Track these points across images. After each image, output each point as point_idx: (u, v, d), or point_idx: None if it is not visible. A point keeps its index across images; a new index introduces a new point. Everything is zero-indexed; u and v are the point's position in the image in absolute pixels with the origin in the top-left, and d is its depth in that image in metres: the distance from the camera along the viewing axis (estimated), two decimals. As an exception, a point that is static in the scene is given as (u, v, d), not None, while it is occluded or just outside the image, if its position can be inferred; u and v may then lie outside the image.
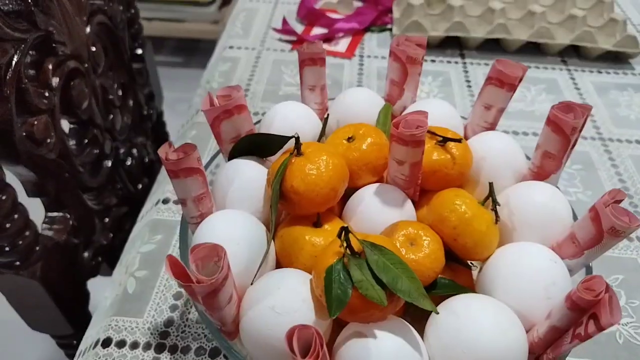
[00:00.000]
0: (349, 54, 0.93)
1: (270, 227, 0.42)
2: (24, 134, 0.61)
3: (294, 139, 0.43)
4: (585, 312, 0.33)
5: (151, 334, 0.53)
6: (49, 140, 0.66)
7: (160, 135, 1.16)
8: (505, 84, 0.49)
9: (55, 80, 0.69)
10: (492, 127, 0.53)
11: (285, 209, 0.44)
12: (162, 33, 2.14)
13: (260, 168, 0.46)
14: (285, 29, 0.97)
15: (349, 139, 0.48)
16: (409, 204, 0.45)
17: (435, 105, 0.54)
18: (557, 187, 0.47)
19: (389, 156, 0.44)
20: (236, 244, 0.39)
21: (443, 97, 0.84)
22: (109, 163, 0.87)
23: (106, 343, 0.52)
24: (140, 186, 1.02)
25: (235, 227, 0.40)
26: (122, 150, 0.95)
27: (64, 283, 0.73)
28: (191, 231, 0.44)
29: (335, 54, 0.93)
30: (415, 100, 0.57)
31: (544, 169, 0.47)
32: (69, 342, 0.81)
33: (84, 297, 0.81)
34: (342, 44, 0.95)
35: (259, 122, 0.54)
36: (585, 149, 0.76)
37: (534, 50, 0.94)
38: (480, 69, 0.91)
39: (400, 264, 0.35)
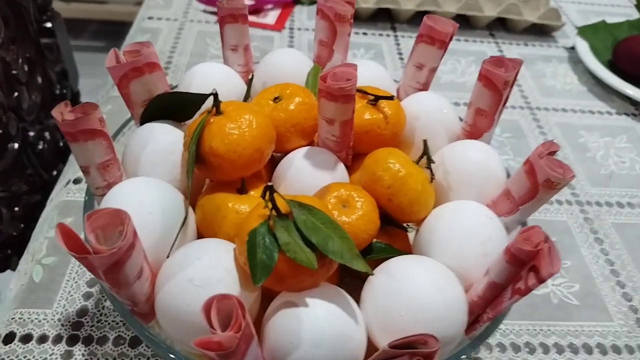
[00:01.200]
0: (278, 26, 0.89)
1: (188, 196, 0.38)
2: None
3: (212, 96, 0.39)
4: (525, 264, 0.32)
5: (62, 325, 0.47)
6: None
7: (77, 117, 1.06)
8: (437, 40, 0.47)
9: (-60, 49, 0.60)
10: (424, 87, 0.51)
11: (205, 175, 0.40)
12: (82, 15, 2.00)
13: (177, 132, 0.41)
14: (210, -1, 0.91)
15: (276, 99, 0.44)
16: (341, 167, 0.42)
17: (367, 67, 0.51)
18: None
19: (318, 116, 0.41)
20: (147, 213, 0.35)
21: (376, 69, 0.82)
22: (16, 146, 0.79)
23: (8, 339, 0.46)
24: (54, 173, 0.94)
25: (146, 193, 0.36)
26: (31, 133, 0.86)
27: (-36, 279, 0.65)
28: (97, 204, 0.39)
29: (264, 26, 0.88)
30: (346, 61, 0.54)
31: (477, 127, 0.45)
32: (-26, 346, 0.73)
33: (-10, 294, 0.72)
34: (271, 16, 0.91)
35: (176, 87, 0.49)
36: (515, 117, 0.77)
37: (463, 23, 0.94)
38: (411, 41, 0.89)
39: (331, 223, 0.32)
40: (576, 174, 0.67)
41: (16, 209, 0.79)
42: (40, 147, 0.89)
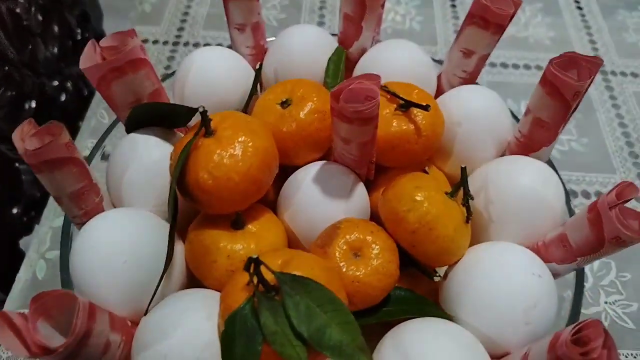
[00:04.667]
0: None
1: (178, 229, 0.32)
2: None
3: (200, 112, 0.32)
4: (575, 368, 0.25)
5: (63, 330, 0.45)
6: None
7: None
8: (492, 24, 0.37)
9: None
10: (471, 77, 0.41)
11: (195, 208, 0.34)
12: None
13: (165, 146, 0.35)
14: None
15: (284, 103, 0.36)
16: (358, 192, 0.35)
17: (402, 49, 0.42)
18: (551, 162, 0.37)
19: (332, 132, 0.34)
20: (123, 262, 0.30)
21: (422, 20, 0.71)
22: (33, 104, 0.75)
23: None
24: (80, 123, 0.90)
25: (122, 236, 0.30)
26: (55, 83, 0.82)
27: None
28: (77, 231, 0.34)
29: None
30: (379, 40, 0.45)
31: (534, 139, 0.37)
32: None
33: (17, 257, 0.72)
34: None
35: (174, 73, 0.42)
36: (584, 85, 0.65)
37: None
38: (467, -17, 0.76)
39: (330, 304, 0.25)
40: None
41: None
42: (63, 98, 0.85)
